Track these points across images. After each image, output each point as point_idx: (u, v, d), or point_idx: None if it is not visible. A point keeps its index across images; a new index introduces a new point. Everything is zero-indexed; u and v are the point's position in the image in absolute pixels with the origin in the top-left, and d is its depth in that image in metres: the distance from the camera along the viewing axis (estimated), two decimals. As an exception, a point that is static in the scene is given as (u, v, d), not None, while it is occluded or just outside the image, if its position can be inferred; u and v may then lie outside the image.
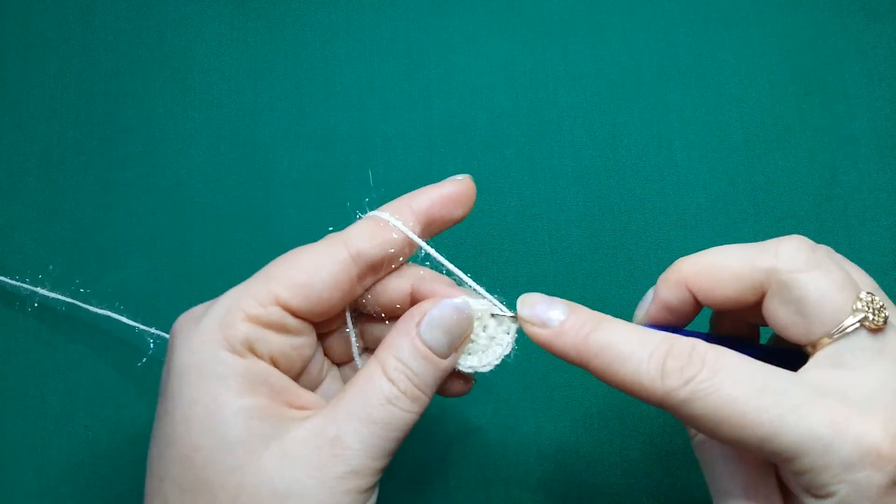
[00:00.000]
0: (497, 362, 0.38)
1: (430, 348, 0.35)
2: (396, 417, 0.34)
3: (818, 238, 0.53)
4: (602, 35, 0.57)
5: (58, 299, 0.50)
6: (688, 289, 0.37)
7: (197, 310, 0.36)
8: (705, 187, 0.54)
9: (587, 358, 0.34)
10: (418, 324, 0.35)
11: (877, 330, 0.33)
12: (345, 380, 0.40)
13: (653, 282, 0.39)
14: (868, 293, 0.34)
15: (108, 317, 0.49)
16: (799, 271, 0.34)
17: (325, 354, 0.40)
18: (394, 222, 0.36)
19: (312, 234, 0.53)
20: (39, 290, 0.50)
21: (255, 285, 0.35)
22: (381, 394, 0.34)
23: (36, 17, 0.57)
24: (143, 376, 0.50)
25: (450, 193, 0.37)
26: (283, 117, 0.55)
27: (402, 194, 0.38)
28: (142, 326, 0.48)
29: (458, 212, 0.38)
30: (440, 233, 0.38)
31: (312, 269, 0.35)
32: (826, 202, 0.54)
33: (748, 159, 0.55)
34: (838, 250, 0.52)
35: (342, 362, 0.41)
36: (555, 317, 0.35)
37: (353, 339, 0.39)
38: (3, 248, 0.52)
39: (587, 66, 0.56)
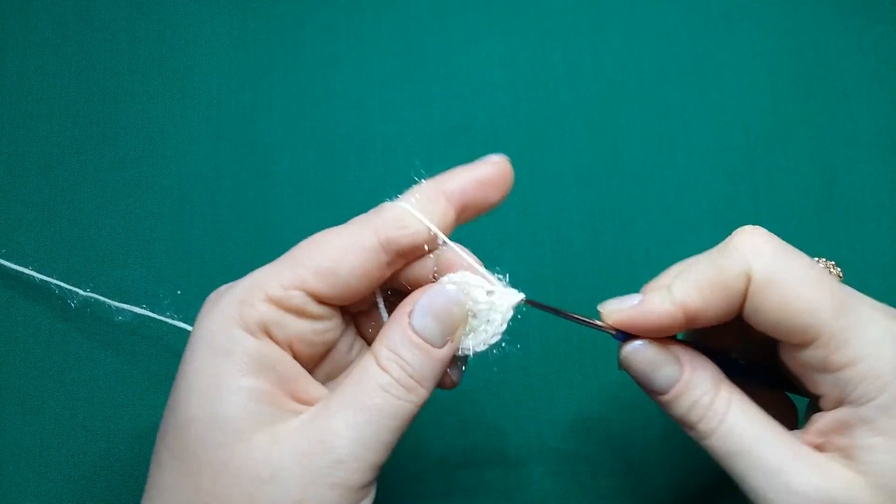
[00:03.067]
0: (493, 342, 0.36)
1: (422, 337, 0.34)
2: (390, 404, 0.33)
3: (819, 238, 0.53)
4: (602, 35, 0.57)
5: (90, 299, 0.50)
6: (684, 317, 0.35)
7: (227, 286, 0.36)
8: (705, 187, 0.54)
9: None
10: (409, 313, 0.34)
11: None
12: None
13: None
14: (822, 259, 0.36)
15: (123, 311, 0.49)
16: (774, 271, 0.33)
17: (359, 334, 0.39)
18: (421, 218, 0.35)
19: (312, 234, 0.53)
20: (81, 292, 0.50)
21: (280, 267, 0.34)
22: (374, 381, 0.33)
23: (34, 16, 0.57)
24: (143, 376, 0.50)
25: (485, 177, 0.36)
26: (283, 117, 0.55)
27: (401, 195, 0.36)
28: (172, 321, 0.48)
29: (495, 196, 0.36)
30: (476, 218, 0.37)
31: (339, 256, 0.34)
32: (826, 202, 0.54)
33: (748, 159, 0.55)
34: (838, 250, 0.53)
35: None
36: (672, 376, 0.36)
37: (385, 319, 0.38)
38: (2, 248, 0.52)
39: (588, 65, 0.56)
